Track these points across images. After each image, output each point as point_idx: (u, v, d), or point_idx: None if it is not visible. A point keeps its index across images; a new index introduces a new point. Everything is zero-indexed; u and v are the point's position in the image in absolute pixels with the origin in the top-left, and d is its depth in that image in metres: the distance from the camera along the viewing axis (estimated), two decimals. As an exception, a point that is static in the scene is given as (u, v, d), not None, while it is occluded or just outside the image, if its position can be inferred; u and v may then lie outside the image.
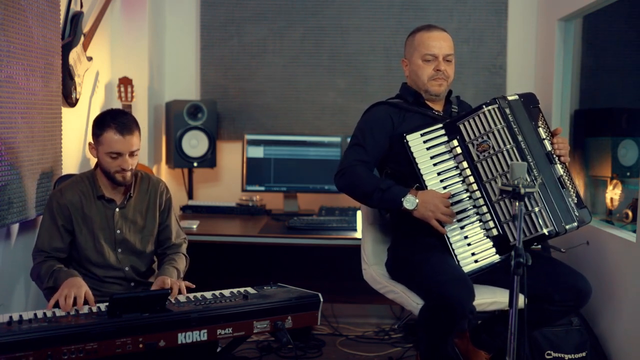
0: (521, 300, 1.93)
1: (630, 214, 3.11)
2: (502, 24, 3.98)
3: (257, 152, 3.81)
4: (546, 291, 2.25)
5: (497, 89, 3.97)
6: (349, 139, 3.77)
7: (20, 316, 1.88)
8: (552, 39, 3.57)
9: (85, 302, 2.09)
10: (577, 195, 2.36)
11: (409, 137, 2.39)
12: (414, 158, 2.37)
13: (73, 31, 2.93)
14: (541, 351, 2.78)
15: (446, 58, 2.48)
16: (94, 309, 2.02)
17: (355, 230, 3.31)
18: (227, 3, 4.00)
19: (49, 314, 1.95)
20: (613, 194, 3.34)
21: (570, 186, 2.36)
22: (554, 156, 2.35)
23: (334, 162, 3.80)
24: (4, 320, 1.85)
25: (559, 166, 2.34)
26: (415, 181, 2.37)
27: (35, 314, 1.93)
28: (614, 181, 3.35)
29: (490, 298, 2.29)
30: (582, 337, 2.80)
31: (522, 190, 1.85)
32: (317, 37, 4.01)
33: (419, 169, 2.36)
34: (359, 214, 3.49)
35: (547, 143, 2.36)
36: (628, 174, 3.34)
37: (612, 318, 2.82)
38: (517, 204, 1.88)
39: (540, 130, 2.38)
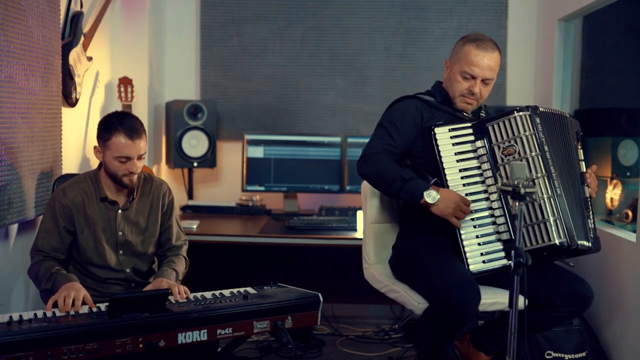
0: (521, 301, 1.92)
1: (630, 214, 3.10)
2: (502, 24, 3.98)
3: (257, 152, 3.81)
4: (548, 297, 2.25)
5: (497, 89, 3.97)
6: (349, 139, 3.83)
7: (20, 316, 1.88)
8: (552, 39, 3.57)
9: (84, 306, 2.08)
10: (594, 225, 2.38)
11: (437, 130, 2.37)
12: (439, 151, 2.36)
13: (73, 31, 2.92)
14: (541, 351, 2.78)
15: (485, 81, 2.44)
16: (94, 309, 2.02)
17: (355, 230, 3.31)
18: (227, 3, 4.00)
19: (49, 314, 1.95)
20: (613, 194, 3.34)
21: (592, 214, 2.37)
22: (585, 180, 2.37)
23: (334, 162, 3.80)
24: (4, 320, 1.85)
25: (587, 189, 2.37)
26: (435, 176, 2.35)
27: (35, 314, 1.93)
28: (614, 181, 3.34)
29: (491, 298, 2.28)
30: (582, 337, 2.80)
31: (522, 190, 1.85)
32: (317, 37, 4.01)
33: (442, 163, 2.35)
34: (359, 214, 3.48)
35: (583, 165, 2.40)
36: (628, 174, 3.33)
37: (612, 318, 2.82)
38: (517, 203, 1.88)
39: (580, 152, 2.42)
